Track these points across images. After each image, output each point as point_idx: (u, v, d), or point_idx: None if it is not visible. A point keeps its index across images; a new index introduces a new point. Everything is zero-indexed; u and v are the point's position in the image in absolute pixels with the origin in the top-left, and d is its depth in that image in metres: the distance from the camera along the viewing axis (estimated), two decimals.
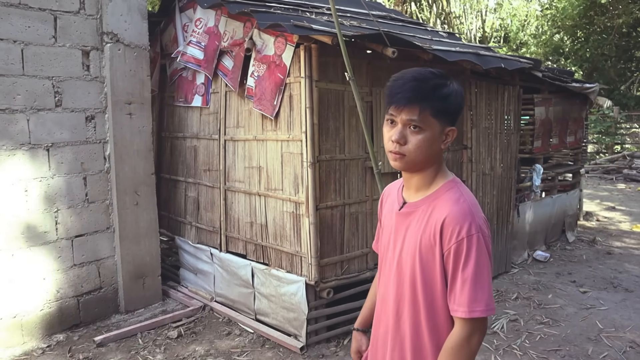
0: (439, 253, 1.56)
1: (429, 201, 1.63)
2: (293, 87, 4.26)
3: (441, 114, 1.57)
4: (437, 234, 1.55)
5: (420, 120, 1.55)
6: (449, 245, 1.53)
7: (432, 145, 1.58)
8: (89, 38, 4.83)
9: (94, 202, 4.92)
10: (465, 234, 1.52)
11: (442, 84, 1.57)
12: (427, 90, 1.55)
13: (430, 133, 1.57)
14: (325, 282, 4.27)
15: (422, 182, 1.67)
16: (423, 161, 1.61)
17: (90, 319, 4.90)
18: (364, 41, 4.17)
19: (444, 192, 1.62)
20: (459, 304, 1.53)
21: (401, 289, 1.68)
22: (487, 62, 5.21)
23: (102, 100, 4.93)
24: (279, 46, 4.33)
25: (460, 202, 1.57)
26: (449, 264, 1.55)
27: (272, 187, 4.55)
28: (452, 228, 1.53)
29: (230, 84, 4.83)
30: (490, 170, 5.88)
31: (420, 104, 1.54)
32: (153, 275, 5.28)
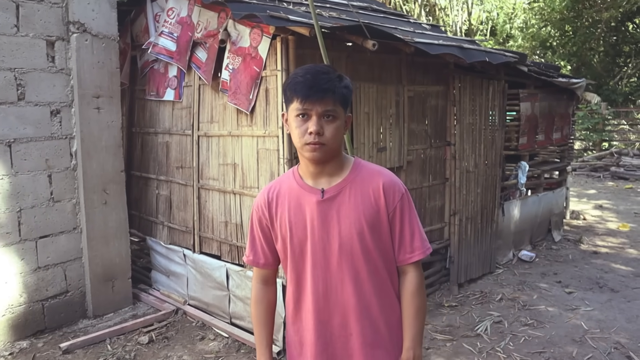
0: (385, 213, 1.85)
1: (352, 179, 1.87)
2: (269, 81, 4.25)
3: (345, 102, 1.82)
4: (379, 199, 1.84)
5: (334, 110, 1.77)
6: (393, 205, 1.85)
7: (341, 132, 1.82)
8: (54, 28, 4.76)
9: (60, 201, 4.85)
10: (402, 191, 1.88)
11: (340, 75, 1.81)
12: (335, 82, 1.77)
13: (340, 121, 1.80)
14: None
15: (334, 169, 1.88)
16: (336, 148, 1.83)
17: (56, 324, 4.84)
18: (343, 33, 4.18)
19: (361, 168, 1.90)
20: (414, 248, 1.88)
21: (355, 264, 1.87)
22: (471, 55, 5.24)
23: (68, 94, 4.87)
24: (254, 38, 4.32)
25: (384, 170, 1.93)
26: (395, 220, 1.87)
27: (247, 185, 4.54)
28: (392, 190, 1.86)
29: (204, 77, 4.81)
30: (475, 167, 5.93)
31: (333, 94, 1.76)
32: (123, 278, 5.23)
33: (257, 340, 2.08)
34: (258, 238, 2.02)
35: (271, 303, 2.09)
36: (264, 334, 2.07)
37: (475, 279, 6.00)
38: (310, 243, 1.87)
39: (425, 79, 5.40)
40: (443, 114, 5.62)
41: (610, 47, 19.96)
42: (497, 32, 23.71)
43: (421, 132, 5.36)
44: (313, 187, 1.88)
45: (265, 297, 2.08)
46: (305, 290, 1.91)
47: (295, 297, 1.96)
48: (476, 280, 6.01)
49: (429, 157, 5.47)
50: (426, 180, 5.46)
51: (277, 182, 2.01)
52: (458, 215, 5.73)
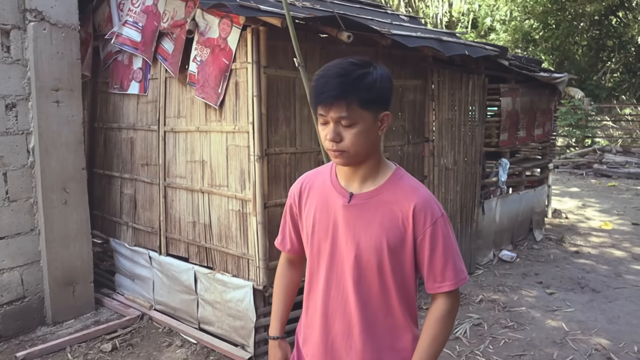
0: (411, 238, 1.77)
1: (384, 190, 1.79)
2: (239, 74, 4.22)
3: (370, 104, 1.67)
4: (408, 222, 1.75)
5: (349, 116, 1.66)
6: (424, 229, 1.75)
7: (368, 136, 1.71)
8: (8, 15, 4.65)
9: (16, 200, 4.76)
10: (438, 215, 1.76)
11: (364, 73, 1.66)
12: (350, 84, 1.63)
13: (363, 125, 1.68)
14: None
15: (368, 172, 1.81)
16: (364, 153, 1.74)
17: (11, 332, 4.74)
18: (317, 24, 4.17)
19: (398, 180, 1.81)
20: (444, 278, 1.78)
21: (367, 279, 1.82)
22: (450, 48, 5.28)
23: (24, 86, 4.77)
24: (224, 28, 4.28)
25: (421, 189, 1.81)
26: (424, 245, 1.77)
27: (216, 184, 4.50)
28: (424, 213, 1.74)
29: (170, 69, 4.75)
30: (454, 164, 5.98)
31: (346, 99, 1.64)
32: (84, 282, 5.15)
33: (272, 314, 2.21)
34: (287, 224, 2.10)
35: (293, 282, 2.19)
36: (279, 309, 2.19)
37: None
38: (329, 245, 1.87)
39: (403, 72, 5.41)
40: (421, 109, 5.64)
41: (594, 41, 20.33)
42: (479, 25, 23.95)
43: (398, 128, 5.38)
44: (344, 188, 1.84)
45: (288, 275, 2.19)
46: (316, 289, 1.94)
47: (307, 292, 2.01)
48: None
49: (406, 154, 5.48)
50: None
51: (314, 173, 2.03)
52: None
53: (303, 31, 4.16)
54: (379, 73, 1.69)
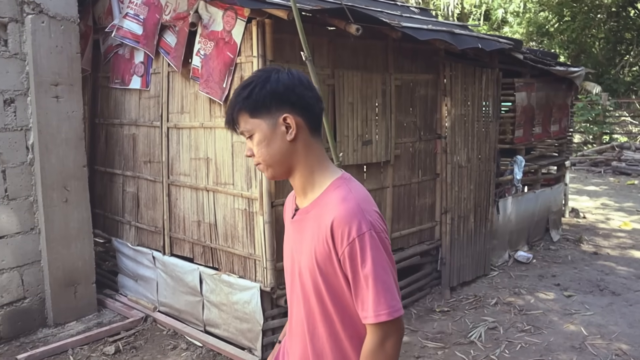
0: (336, 259, 1.62)
1: (317, 204, 1.70)
2: (245, 68, 4.21)
3: (253, 111, 1.65)
4: (329, 239, 1.60)
5: (246, 128, 1.68)
6: (342, 249, 1.59)
7: (270, 144, 1.67)
8: (5, 8, 4.67)
9: (15, 199, 4.78)
10: (355, 233, 1.56)
11: (247, 83, 1.67)
12: (236, 98, 1.67)
13: (260, 134, 1.67)
14: (283, 289, 4.23)
15: (303, 184, 1.74)
16: (278, 163, 1.70)
17: (12, 334, 4.76)
18: (324, 16, 4.16)
19: (331, 192, 1.68)
20: (365, 309, 1.60)
21: (308, 304, 1.74)
22: (462, 41, 5.26)
23: (23, 81, 4.78)
24: (228, 21, 4.28)
25: (348, 200, 1.62)
26: (346, 269, 1.61)
27: (221, 182, 4.50)
28: (342, 230, 1.58)
29: (173, 63, 4.76)
30: (467, 162, 5.96)
31: (237, 113, 1.67)
32: (86, 283, 5.17)
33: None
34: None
35: None
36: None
37: (468, 282, 6.03)
38: (289, 263, 1.84)
39: (414, 66, 5.40)
40: (433, 104, 5.63)
41: (611, 33, 20.22)
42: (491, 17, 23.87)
43: (410, 124, 5.36)
44: (296, 203, 1.81)
45: None
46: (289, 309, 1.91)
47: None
48: (469, 284, 6.04)
49: (418, 151, 5.47)
50: (415, 176, 5.47)
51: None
52: (450, 214, 5.75)
53: (310, 24, 4.15)
54: (262, 78, 1.67)
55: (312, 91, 1.70)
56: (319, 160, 1.71)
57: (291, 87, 1.65)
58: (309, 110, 1.68)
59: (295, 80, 1.67)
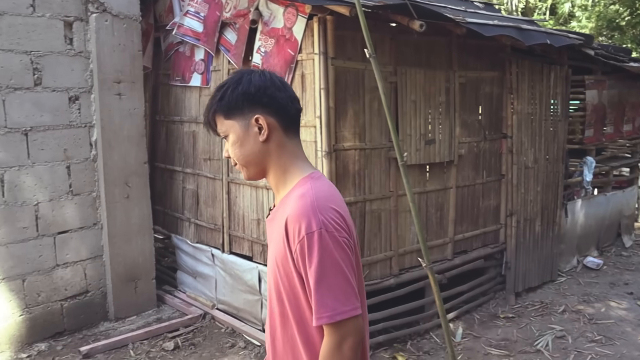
0: (290, 257, 1.61)
1: (282, 203, 1.71)
2: (305, 65, 4.23)
3: (227, 112, 1.70)
4: (284, 237, 1.61)
5: (222, 129, 1.73)
6: (294, 247, 1.58)
7: (243, 145, 1.72)
8: (71, 7, 4.83)
9: (79, 194, 4.94)
10: (305, 231, 1.55)
11: (222, 85, 1.73)
12: (212, 100, 1.73)
13: (234, 135, 1.72)
14: None
15: (276, 184, 1.76)
16: (252, 163, 1.74)
17: (75, 326, 4.94)
18: (387, 12, 4.13)
19: (294, 190, 1.68)
20: (315, 310, 1.57)
21: (271, 305, 1.74)
22: (530, 37, 5.14)
23: (87, 79, 4.94)
24: (289, 18, 4.30)
25: (304, 197, 1.61)
26: (299, 268, 1.60)
27: None
28: (293, 227, 1.58)
29: (234, 60, 4.82)
30: (534, 162, 5.82)
31: (212, 115, 1.73)
32: (146, 279, 5.30)
33: None
34: None
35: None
36: None
37: (534, 288, 5.89)
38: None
39: (479, 63, 5.31)
40: (498, 102, 5.52)
41: None
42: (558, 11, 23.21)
43: (474, 123, 5.28)
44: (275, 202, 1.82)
45: None
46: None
47: None
48: (535, 289, 5.89)
49: (482, 150, 5.38)
50: (480, 176, 5.37)
51: None
52: (515, 216, 5.63)
53: (372, 20, 4.13)
54: (234, 80, 1.71)
55: (286, 92, 1.72)
56: (292, 160, 1.73)
57: (262, 88, 1.67)
58: (281, 110, 1.70)
59: (267, 82, 1.69)
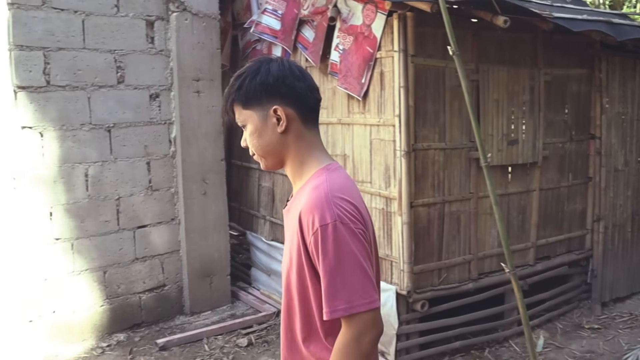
0: (304, 250, 1.60)
1: (298, 194, 1.72)
2: (384, 63, 4.21)
3: (245, 102, 1.70)
4: (297, 229, 1.61)
5: (240, 119, 1.73)
6: (308, 239, 1.58)
7: (262, 136, 1.71)
8: (153, 7, 4.99)
9: (158, 190, 5.10)
10: (319, 223, 1.54)
11: (240, 74, 1.72)
12: (230, 89, 1.73)
13: (252, 125, 1.71)
14: (420, 293, 4.23)
15: (293, 174, 1.77)
16: (270, 154, 1.74)
17: (152, 318, 5.12)
18: (470, 8, 4.05)
19: (310, 182, 1.69)
20: (325, 304, 1.56)
21: (284, 295, 1.74)
22: (622, 32, 4.91)
23: (167, 77, 5.09)
24: (367, 15, 4.29)
25: (318, 189, 1.61)
26: (314, 260, 1.59)
27: (358, 179, 4.54)
28: (307, 220, 1.57)
29: (311, 58, 4.84)
30: (624, 165, 5.58)
31: (230, 104, 1.73)
32: (221, 274, 5.42)
33: None
34: None
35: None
36: None
37: (622, 298, 5.64)
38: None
39: (566, 60, 5.13)
40: (586, 101, 5.32)
41: None
42: None
43: (560, 123, 5.11)
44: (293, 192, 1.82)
45: None
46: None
47: None
48: (624, 300, 5.64)
49: (568, 152, 5.20)
50: (565, 179, 5.20)
51: None
52: (603, 222, 5.41)
53: (454, 16, 3.98)
54: (253, 69, 1.70)
55: (305, 81, 1.71)
56: (310, 151, 1.74)
57: (281, 78, 1.67)
58: (300, 101, 1.69)
59: (285, 71, 1.68)
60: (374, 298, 1.54)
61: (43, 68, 4.50)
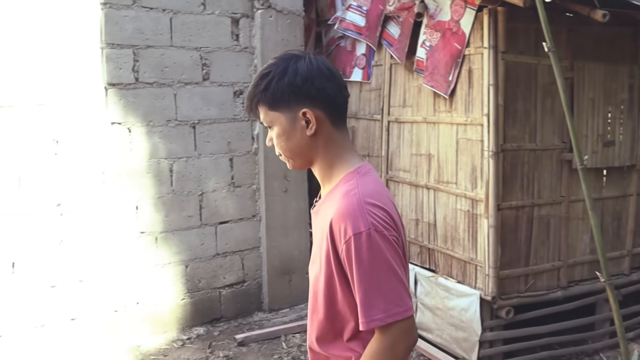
0: (335, 258, 1.58)
1: (327, 197, 1.69)
2: (473, 60, 4.15)
3: (272, 104, 1.65)
4: (328, 236, 1.58)
5: (266, 120, 1.69)
6: (340, 247, 1.55)
7: (290, 138, 1.67)
8: (238, 4, 5.10)
9: (240, 186, 5.21)
10: (352, 232, 1.51)
11: (265, 73, 1.65)
12: (255, 89, 1.67)
13: (279, 128, 1.67)
14: (505, 299, 4.15)
15: (322, 176, 1.74)
16: (299, 156, 1.71)
17: (231, 314, 5.24)
18: (565, 2, 3.91)
19: (340, 186, 1.65)
20: (360, 315, 1.54)
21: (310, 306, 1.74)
22: None
23: (251, 74, 5.19)
24: (456, 10, 4.23)
25: (350, 195, 1.57)
26: (345, 268, 1.57)
27: (443, 180, 4.49)
28: (339, 228, 1.54)
29: (396, 55, 4.82)
30: None
31: (255, 105, 1.68)
32: (301, 272, 5.47)
33: None
34: None
35: None
36: None
37: None
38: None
39: None
40: None
41: None
42: None
43: None
44: (321, 192, 1.79)
45: None
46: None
47: None
48: None
49: None
50: None
51: None
52: None
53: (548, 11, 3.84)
54: (280, 69, 1.63)
55: (334, 80, 1.66)
56: (339, 153, 1.70)
57: (310, 79, 1.62)
58: (330, 102, 1.65)
59: (314, 71, 1.63)
60: (409, 306, 1.53)
61: (132, 65, 4.68)
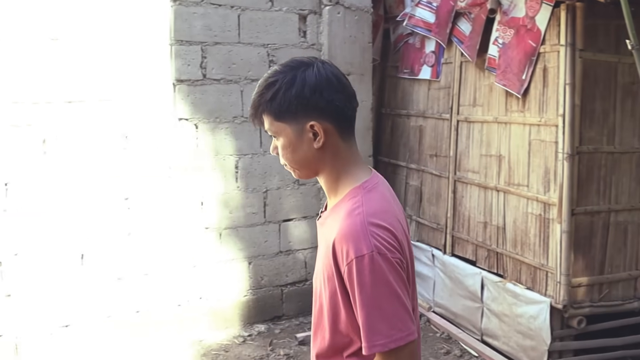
0: (338, 277, 1.54)
1: (332, 212, 1.65)
2: (548, 58, 4.07)
3: (279, 115, 1.60)
4: (331, 255, 1.54)
5: (271, 129, 1.64)
6: (343, 269, 1.51)
7: (296, 150, 1.62)
8: (306, 1, 5.14)
9: (304, 184, 5.26)
10: (354, 254, 1.47)
11: (272, 82, 1.59)
12: (260, 97, 1.62)
13: (285, 139, 1.62)
14: (577, 308, 4.04)
15: (328, 187, 1.71)
16: (303, 167, 1.67)
17: (292, 312, 5.30)
18: None
19: (345, 202, 1.61)
20: (363, 339, 1.50)
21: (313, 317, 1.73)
22: None
23: None
24: (531, 6, 4.16)
25: (354, 215, 1.53)
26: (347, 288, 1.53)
27: (514, 182, 4.42)
28: (341, 249, 1.50)
29: (467, 52, 4.76)
30: None
31: (260, 114, 1.64)
32: None
33: None
34: None
35: None
36: None
37: None
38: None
39: None
40: None
41: None
42: None
43: None
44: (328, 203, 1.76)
45: None
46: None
47: None
48: None
49: None
50: None
51: None
52: None
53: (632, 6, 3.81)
54: (287, 79, 1.57)
55: (343, 91, 1.60)
56: (346, 166, 1.65)
57: (319, 90, 1.57)
58: (339, 114, 1.60)
59: (323, 82, 1.57)
60: (411, 330, 1.50)
61: (200, 62, 4.78)
